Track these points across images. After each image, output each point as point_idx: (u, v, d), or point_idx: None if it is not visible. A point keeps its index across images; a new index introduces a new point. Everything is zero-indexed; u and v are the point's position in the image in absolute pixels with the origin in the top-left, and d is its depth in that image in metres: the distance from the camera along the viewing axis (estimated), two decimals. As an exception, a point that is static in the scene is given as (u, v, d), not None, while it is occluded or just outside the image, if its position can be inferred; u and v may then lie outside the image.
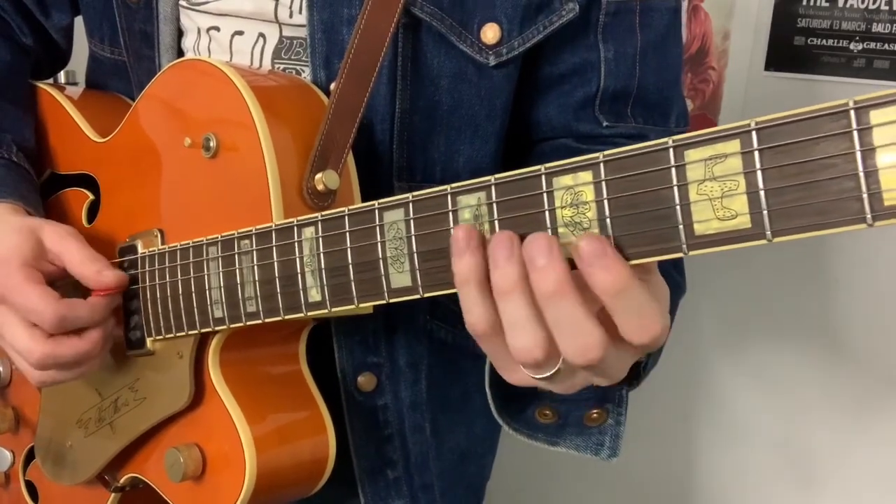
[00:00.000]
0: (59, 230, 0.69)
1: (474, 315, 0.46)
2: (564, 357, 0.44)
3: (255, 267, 0.59)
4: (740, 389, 1.47)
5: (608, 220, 0.43)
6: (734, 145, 0.39)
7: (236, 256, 0.60)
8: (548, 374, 0.46)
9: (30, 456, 0.83)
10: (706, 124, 1.37)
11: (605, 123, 0.75)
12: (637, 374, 0.59)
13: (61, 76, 1.12)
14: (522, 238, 0.45)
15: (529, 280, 0.44)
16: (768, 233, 0.38)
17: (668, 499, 1.58)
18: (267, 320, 0.59)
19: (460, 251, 0.46)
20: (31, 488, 0.84)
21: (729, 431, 1.49)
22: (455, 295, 0.48)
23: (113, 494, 0.74)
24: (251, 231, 0.59)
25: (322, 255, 0.55)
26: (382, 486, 0.76)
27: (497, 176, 0.46)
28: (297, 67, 0.72)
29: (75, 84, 0.93)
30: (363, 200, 0.67)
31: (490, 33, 0.69)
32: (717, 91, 1.37)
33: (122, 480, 0.74)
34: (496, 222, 0.46)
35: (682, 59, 0.79)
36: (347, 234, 0.53)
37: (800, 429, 1.42)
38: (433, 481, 0.79)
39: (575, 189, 0.44)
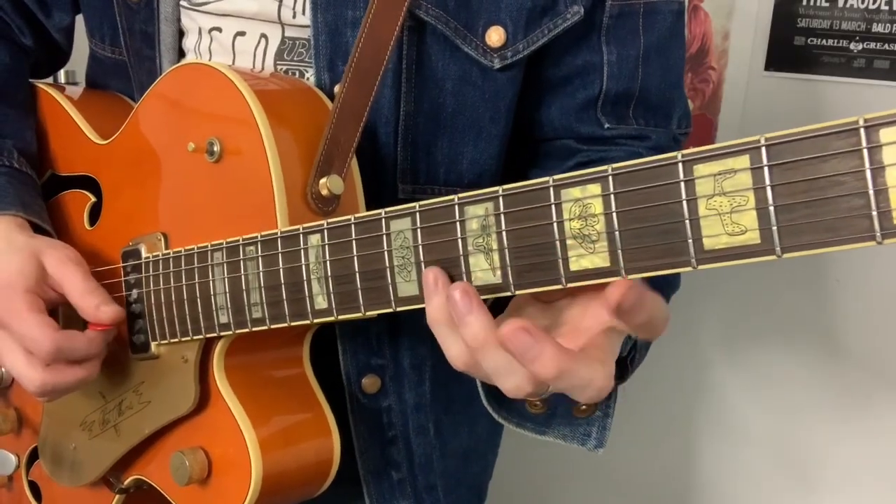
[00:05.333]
0: (61, 255, 0.68)
1: (453, 351, 0.49)
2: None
3: (261, 273, 0.59)
4: (740, 389, 1.47)
5: (616, 233, 0.43)
6: (744, 161, 0.39)
7: (241, 262, 0.60)
8: (544, 397, 0.49)
9: (33, 456, 0.83)
10: (706, 124, 1.37)
11: (606, 125, 0.75)
12: (624, 368, 0.59)
13: (61, 76, 1.11)
14: None
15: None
16: (778, 249, 0.38)
17: (667, 499, 1.58)
18: (273, 326, 0.59)
19: (430, 294, 0.49)
20: (35, 488, 0.84)
21: (729, 431, 1.49)
22: None
23: (117, 496, 0.75)
24: (256, 237, 0.59)
25: (328, 262, 0.55)
26: (387, 487, 0.77)
27: (505, 187, 0.46)
28: (300, 69, 0.72)
29: (75, 84, 0.93)
30: (367, 202, 0.67)
31: (495, 36, 0.68)
32: (717, 91, 1.37)
33: (126, 482, 0.74)
34: (504, 233, 0.47)
35: (684, 60, 0.79)
36: (354, 242, 0.53)
37: (800, 429, 1.42)
38: (437, 481, 0.79)
39: (583, 201, 0.44)
